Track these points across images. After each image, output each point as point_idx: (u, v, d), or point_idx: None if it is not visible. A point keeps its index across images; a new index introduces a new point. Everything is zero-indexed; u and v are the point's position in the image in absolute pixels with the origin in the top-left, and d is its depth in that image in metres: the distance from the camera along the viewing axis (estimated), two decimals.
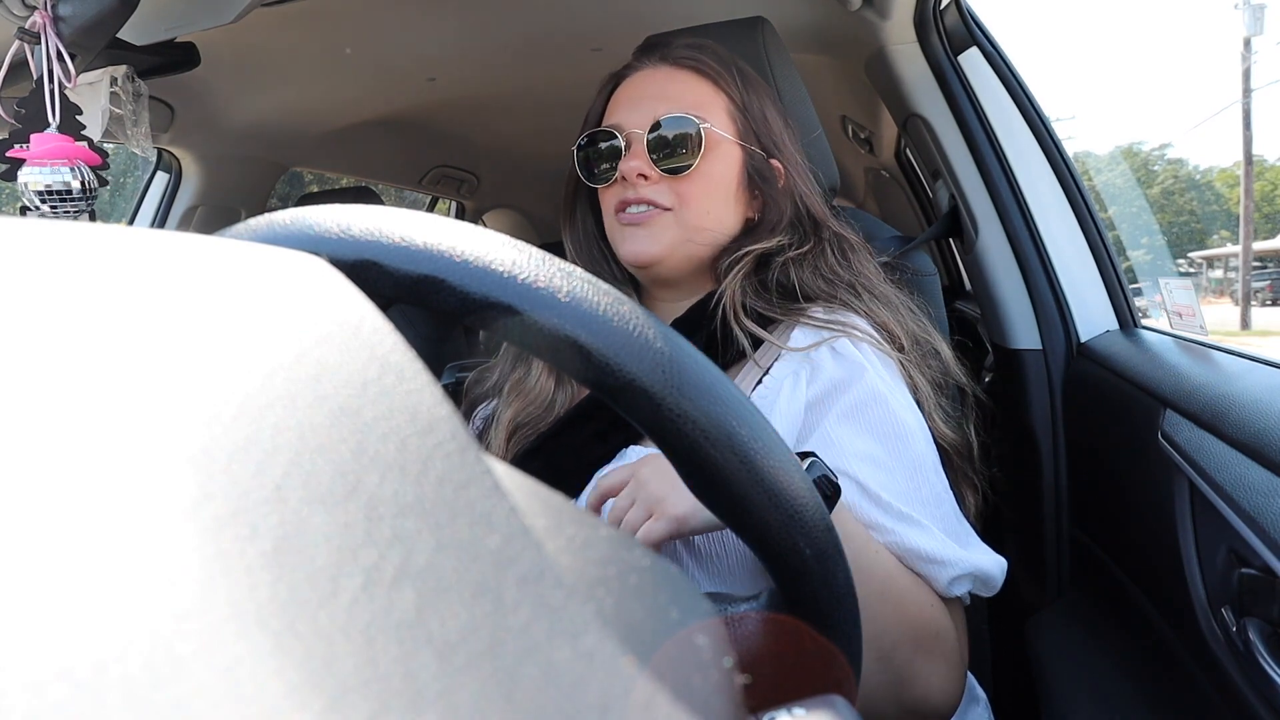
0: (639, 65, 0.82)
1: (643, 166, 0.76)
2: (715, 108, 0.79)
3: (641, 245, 0.76)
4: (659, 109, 0.77)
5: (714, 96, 0.79)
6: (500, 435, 0.78)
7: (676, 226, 0.77)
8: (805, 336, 0.74)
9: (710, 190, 0.77)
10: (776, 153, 0.81)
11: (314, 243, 0.27)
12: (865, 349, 0.72)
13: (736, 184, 0.79)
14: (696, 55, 0.80)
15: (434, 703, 0.12)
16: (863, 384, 0.70)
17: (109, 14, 0.83)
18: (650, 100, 0.78)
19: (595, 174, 0.80)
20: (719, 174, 0.78)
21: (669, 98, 0.78)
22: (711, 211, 0.78)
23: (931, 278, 1.03)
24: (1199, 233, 38.00)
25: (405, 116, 1.89)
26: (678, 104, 0.77)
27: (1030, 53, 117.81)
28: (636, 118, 0.78)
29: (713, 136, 0.76)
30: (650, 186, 0.76)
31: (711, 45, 0.83)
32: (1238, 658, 0.66)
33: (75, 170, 0.83)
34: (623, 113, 0.79)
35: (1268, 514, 0.63)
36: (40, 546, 0.11)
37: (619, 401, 0.28)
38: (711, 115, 0.78)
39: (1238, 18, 19.84)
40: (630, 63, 0.84)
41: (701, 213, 0.77)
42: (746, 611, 0.36)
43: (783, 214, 0.80)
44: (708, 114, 0.77)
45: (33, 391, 0.13)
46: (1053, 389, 1.12)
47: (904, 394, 0.72)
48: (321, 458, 0.14)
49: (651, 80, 0.80)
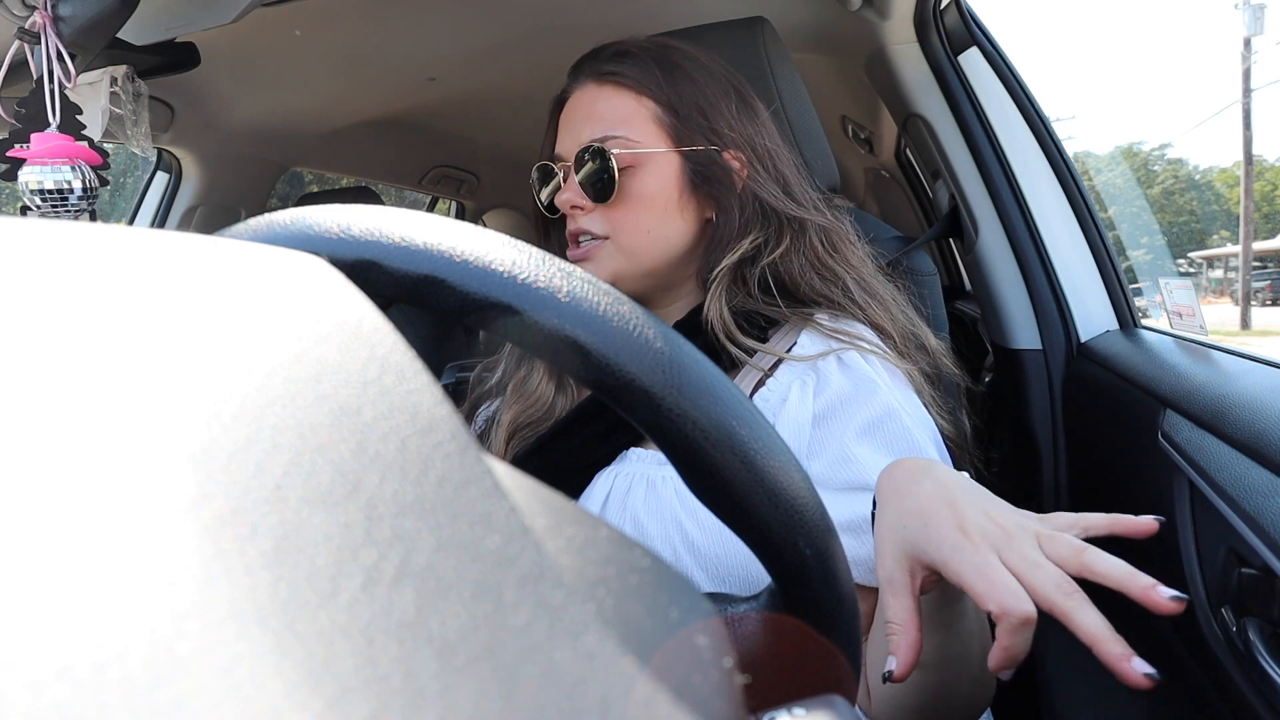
0: (574, 86, 0.79)
1: (574, 199, 0.74)
2: (639, 119, 0.74)
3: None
4: (583, 134, 0.75)
5: (636, 107, 0.75)
6: (500, 437, 0.77)
7: (616, 253, 0.74)
8: (812, 343, 0.72)
9: (643, 209, 0.74)
10: (730, 144, 0.76)
11: (314, 243, 0.27)
12: (874, 362, 0.70)
13: (677, 192, 0.75)
14: (617, 65, 0.76)
15: (434, 703, 0.12)
16: (876, 401, 0.67)
17: (109, 14, 0.83)
18: (578, 125, 0.76)
19: (546, 208, 0.79)
20: (651, 189, 0.74)
21: (593, 119, 0.75)
22: (651, 229, 0.74)
23: (931, 278, 1.03)
24: (1199, 233, 38.02)
25: (405, 116, 1.89)
26: (600, 125, 0.74)
27: (1030, 53, 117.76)
28: (569, 145, 0.76)
29: (627, 157, 0.73)
30: (586, 217, 0.75)
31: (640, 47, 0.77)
32: (1238, 658, 0.66)
33: (76, 170, 0.83)
34: (560, 140, 0.78)
35: (1268, 514, 0.63)
36: (40, 546, 0.11)
37: (619, 401, 0.28)
38: (634, 129, 0.74)
39: (1238, 18, 19.85)
40: (566, 85, 0.80)
41: (639, 234, 0.74)
42: (746, 611, 0.36)
43: (743, 208, 0.75)
44: (630, 128, 0.74)
45: (33, 391, 0.13)
46: (1053, 389, 1.12)
47: (916, 406, 0.71)
48: (321, 457, 0.14)
49: (579, 103, 0.77)
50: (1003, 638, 0.43)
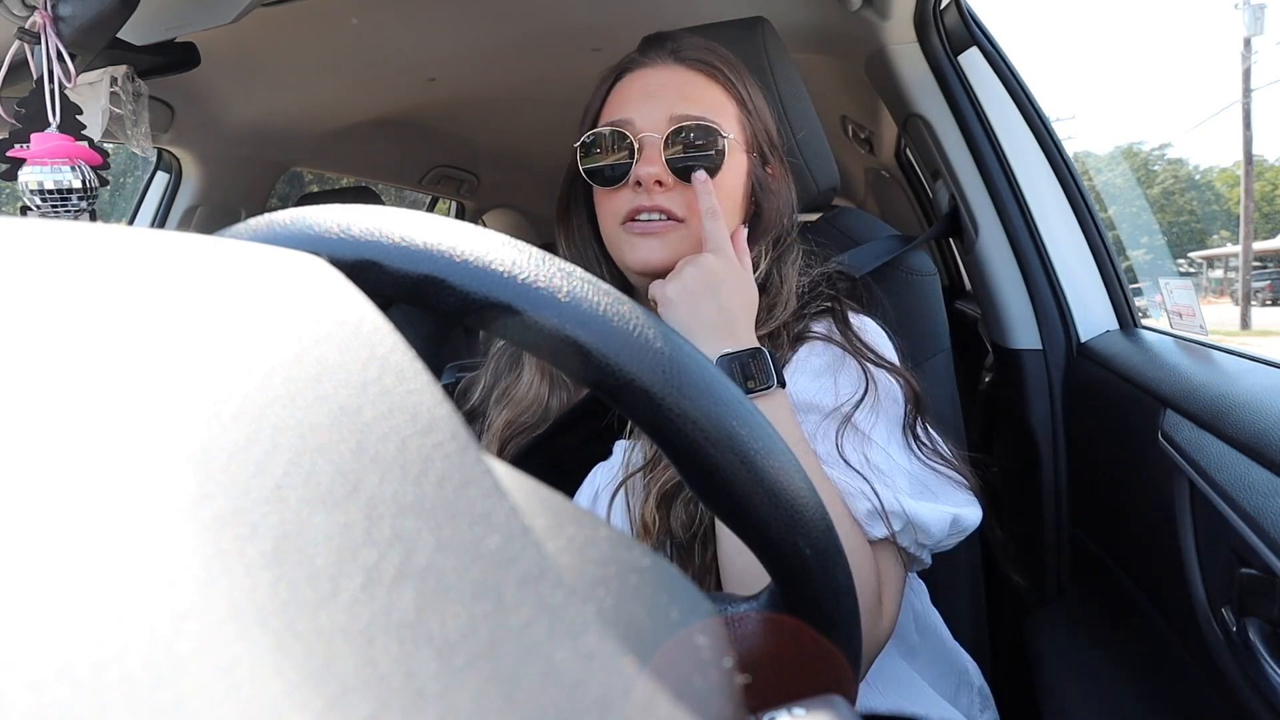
0: (646, 60, 0.77)
1: (660, 173, 0.71)
2: (728, 114, 0.75)
3: (653, 254, 0.72)
4: (675, 110, 0.73)
5: (726, 102, 0.75)
6: (493, 443, 0.77)
7: (689, 239, 0.73)
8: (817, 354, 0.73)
9: (724, 197, 0.73)
10: (774, 155, 0.79)
11: (314, 243, 0.27)
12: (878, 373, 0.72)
13: (743, 194, 0.77)
14: (709, 56, 0.76)
15: (434, 703, 0.12)
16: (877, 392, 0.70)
17: (109, 14, 0.83)
18: (668, 99, 0.73)
19: (605, 175, 0.74)
20: (731, 185, 0.74)
21: (688, 99, 0.73)
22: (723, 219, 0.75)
23: (931, 278, 1.03)
24: (1199, 233, 38.03)
25: (405, 116, 1.89)
26: (696, 106, 0.73)
27: (1030, 53, 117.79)
28: (650, 118, 0.73)
29: (731, 145, 0.73)
30: (665, 194, 0.72)
31: (717, 45, 0.79)
32: (1238, 658, 0.66)
33: (76, 169, 0.83)
34: (632, 110, 0.74)
35: (1268, 514, 0.63)
36: (40, 545, 0.11)
37: (619, 401, 0.27)
38: (726, 122, 0.74)
39: (1238, 18, 19.85)
40: (634, 56, 0.78)
41: None
42: (746, 611, 0.36)
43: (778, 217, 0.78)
44: (723, 121, 0.74)
45: (33, 391, 0.13)
46: (1053, 389, 1.12)
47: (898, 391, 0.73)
48: (321, 457, 0.14)
49: (662, 78, 0.75)
50: None
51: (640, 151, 0.72)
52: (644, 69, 0.76)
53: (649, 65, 0.76)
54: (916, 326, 0.96)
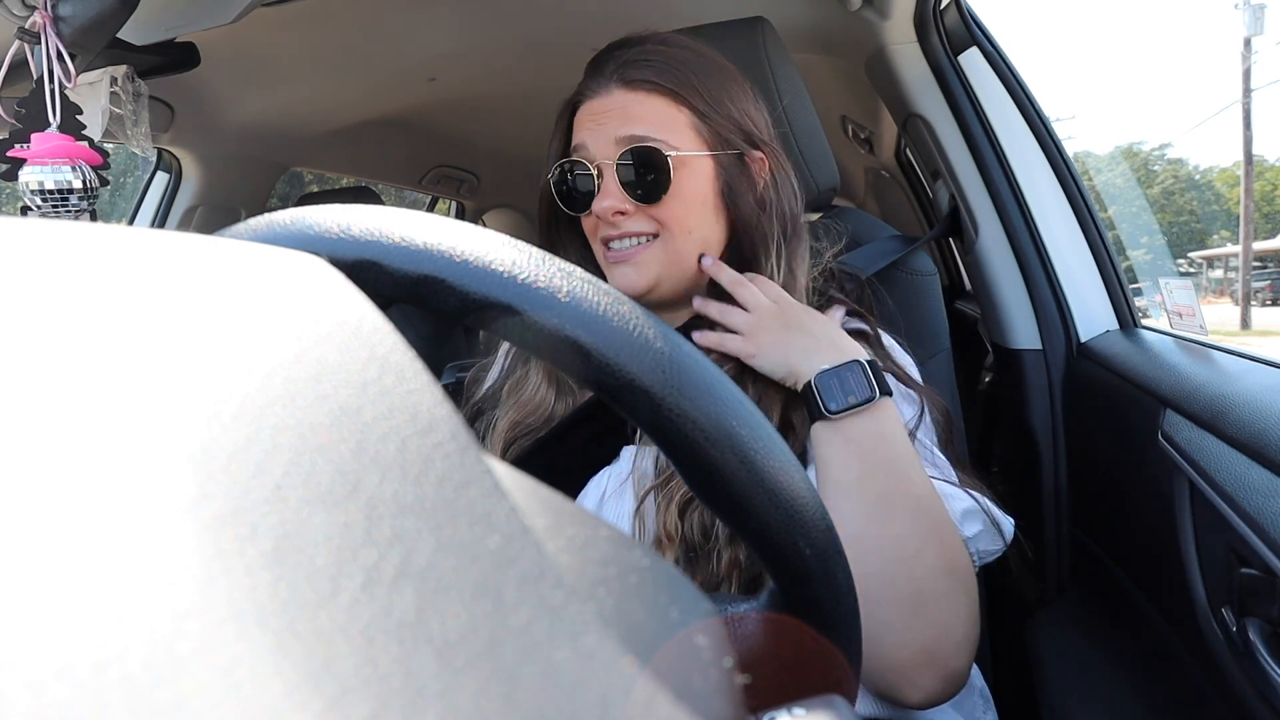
0: (591, 88, 0.78)
1: (618, 203, 0.74)
2: (678, 124, 0.75)
3: (628, 280, 0.75)
4: (620, 133, 0.74)
5: (675, 112, 0.75)
6: (497, 443, 0.77)
7: (663, 252, 0.75)
8: None
9: (689, 208, 0.75)
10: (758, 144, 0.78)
11: (314, 243, 0.27)
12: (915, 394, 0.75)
13: (714, 194, 0.76)
14: (647, 73, 0.76)
15: (434, 703, 0.12)
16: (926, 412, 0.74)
17: (109, 14, 0.83)
18: (612, 126, 0.75)
19: (575, 203, 0.77)
20: (693, 190, 0.75)
21: (631, 121, 0.74)
22: (695, 228, 0.76)
23: (931, 278, 1.03)
24: (1199, 233, 38.03)
25: (405, 116, 1.89)
26: (639, 126, 0.74)
27: (1030, 53, 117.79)
28: (603, 146, 0.75)
29: (679, 159, 0.74)
30: (629, 219, 0.75)
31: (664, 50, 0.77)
32: (1238, 657, 0.66)
33: (76, 170, 0.83)
34: (590, 141, 0.76)
35: (1268, 514, 0.63)
36: (40, 545, 0.11)
37: (619, 401, 0.27)
38: (676, 133, 0.74)
39: (1238, 18, 19.86)
40: (583, 85, 0.79)
41: (684, 233, 0.75)
42: (746, 611, 0.36)
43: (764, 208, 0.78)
44: (671, 134, 0.74)
45: (33, 391, 0.13)
46: (1053, 389, 1.12)
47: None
48: (321, 458, 0.14)
49: (609, 105, 0.76)
50: None
51: (599, 182, 0.75)
52: (592, 99, 0.78)
53: (597, 94, 0.77)
54: (917, 326, 0.97)
